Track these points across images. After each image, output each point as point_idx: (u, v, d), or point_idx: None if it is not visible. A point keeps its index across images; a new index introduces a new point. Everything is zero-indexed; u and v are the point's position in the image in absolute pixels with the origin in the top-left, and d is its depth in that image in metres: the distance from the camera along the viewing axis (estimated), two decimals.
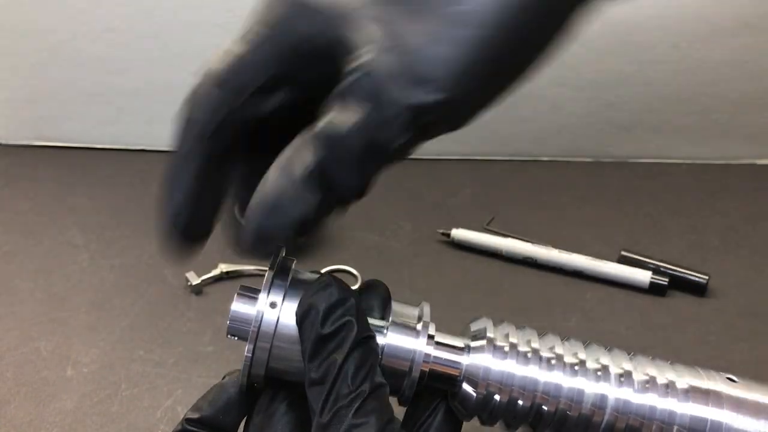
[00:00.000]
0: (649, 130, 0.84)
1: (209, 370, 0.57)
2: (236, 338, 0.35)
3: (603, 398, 0.33)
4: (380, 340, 0.33)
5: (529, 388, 0.33)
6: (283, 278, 0.34)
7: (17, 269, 0.68)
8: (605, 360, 0.34)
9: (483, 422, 0.35)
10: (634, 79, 0.81)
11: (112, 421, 0.52)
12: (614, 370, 0.33)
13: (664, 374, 0.33)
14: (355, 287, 0.59)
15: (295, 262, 0.36)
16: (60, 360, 0.58)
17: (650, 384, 0.33)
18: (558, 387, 0.33)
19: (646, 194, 0.80)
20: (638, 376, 0.33)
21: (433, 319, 0.35)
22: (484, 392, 0.33)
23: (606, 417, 0.33)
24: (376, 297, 0.36)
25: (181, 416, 0.53)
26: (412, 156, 0.33)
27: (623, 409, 0.33)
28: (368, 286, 0.37)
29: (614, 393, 0.33)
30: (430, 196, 0.80)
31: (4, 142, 0.88)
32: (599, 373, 0.33)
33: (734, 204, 0.78)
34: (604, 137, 0.85)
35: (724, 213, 0.77)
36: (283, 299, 0.34)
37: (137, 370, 0.57)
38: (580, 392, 0.33)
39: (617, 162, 0.86)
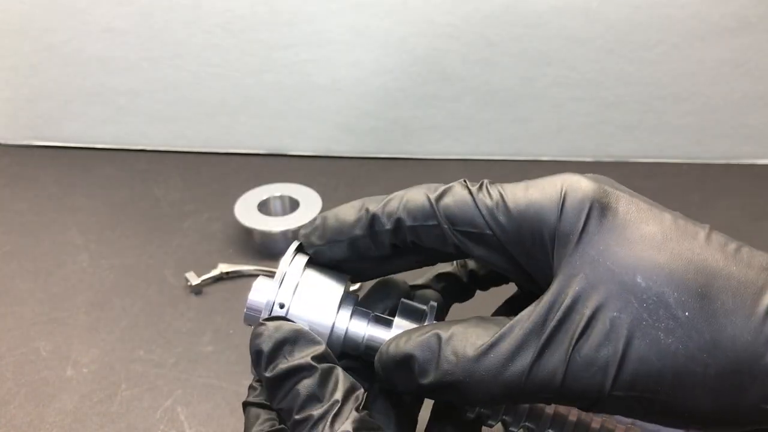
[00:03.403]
0: (649, 130, 0.84)
1: (209, 371, 0.57)
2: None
3: None
4: (384, 335, 0.34)
5: None
6: (296, 276, 0.35)
7: (17, 269, 0.68)
8: None
9: (484, 422, 0.35)
10: (634, 79, 0.81)
11: (112, 422, 0.52)
12: None
13: None
14: (355, 287, 0.59)
15: (308, 259, 0.36)
16: (60, 360, 0.58)
17: None
18: None
19: (646, 194, 0.80)
20: None
21: (438, 319, 0.35)
22: None
23: (605, 425, 0.33)
24: (389, 293, 0.37)
25: (181, 416, 0.53)
26: (412, 156, 0.34)
27: (622, 419, 0.33)
28: (384, 283, 0.38)
29: None
30: None
31: (4, 142, 0.88)
32: None
33: (734, 204, 0.78)
34: (604, 137, 0.85)
35: (724, 213, 0.77)
36: (293, 296, 0.35)
37: (137, 370, 0.57)
38: None
39: (617, 162, 0.86)
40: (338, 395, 0.30)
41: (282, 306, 0.34)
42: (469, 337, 0.31)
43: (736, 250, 0.30)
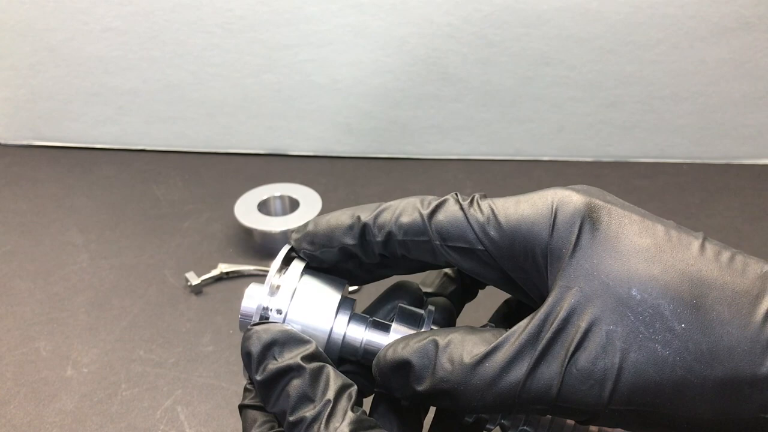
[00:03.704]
0: (649, 130, 0.84)
1: (209, 370, 0.57)
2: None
3: None
4: (382, 340, 0.35)
5: None
6: (293, 282, 0.35)
7: (17, 269, 0.68)
8: None
9: (482, 426, 0.35)
10: (634, 79, 0.81)
11: (112, 421, 0.52)
12: None
13: None
14: (354, 288, 0.59)
15: (305, 264, 0.36)
16: (60, 360, 0.58)
17: None
18: None
19: (646, 194, 0.80)
20: None
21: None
22: None
23: (600, 429, 0.33)
24: (402, 297, 0.38)
25: (181, 416, 0.53)
26: (412, 156, 0.34)
27: None
28: (399, 286, 0.39)
29: None
30: None
31: (4, 142, 0.88)
32: None
33: (734, 204, 0.78)
34: (604, 137, 0.85)
35: (724, 213, 0.77)
36: (290, 302, 0.35)
37: (137, 370, 0.57)
38: None
39: (617, 162, 0.86)
40: (330, 394, 0.30)
41: (279, 312, 0.34)
42: (465, 345, 0.31)
43: (730, 259, 0.30)
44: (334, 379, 0.31)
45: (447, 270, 0.41)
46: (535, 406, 0.30)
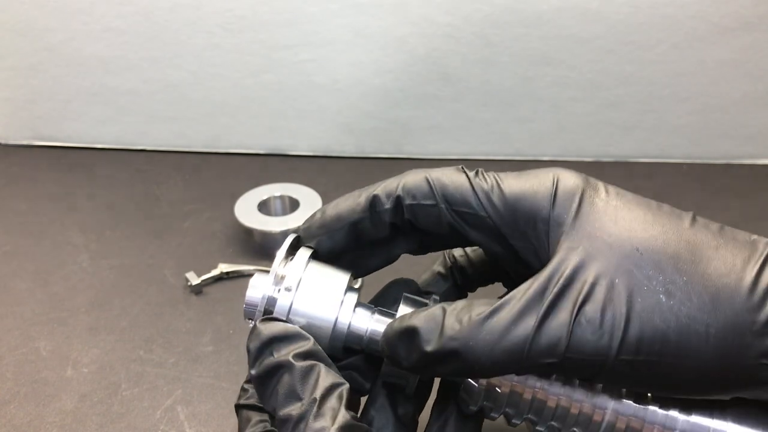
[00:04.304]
0: (649, 130, 0.84)
1: (209, 370, 0.57)
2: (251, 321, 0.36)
3: (603, 398, 0.33)
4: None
5: (528, 382, 0.34)
6: (299, 271, 0.35)
7: (17, 269, 0.68)
8: None
9: (486, 415, 0.36)
10: (634, 79, 0.81)
11: (112, 421, 0.52)
12: None
13: None
14: (357, 285, 0.59)
15: (312, 252, 0.37)
16: (60, 360, 0.58)
17: None
18: (555, 382, 0.34)
19: (646, 194, 0.80)
20: None
21: None
22: (485, 383, 0.34)
23: (607, 417, 0.33)
24: (399, 292, 0.38)
25: (181, 416, 0.53)
26: (412, 156, 0.35)
27: (623, 411, 0.33)
28: (394, 282, 0.40)
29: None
30: None
31: (3, 142, 0.88)
32: None
33: (734, 204, 0.78)
34: (604, 137, 0.85)
35: (724, 213, 0.76)
36: (296, 291, 0.35)
37: (137, 370, 0.57)
38: None
39: (617, 162, 0.86)
40: (318, 393, 0.30)
41: (288, 289, 0.34)
42: (473, 307, 0.32)
43: (720, 228, 0.33)
44: (324, 377, 0.31)
45: (440, 269, 0.42)
46: (545, 361, 0.30)
